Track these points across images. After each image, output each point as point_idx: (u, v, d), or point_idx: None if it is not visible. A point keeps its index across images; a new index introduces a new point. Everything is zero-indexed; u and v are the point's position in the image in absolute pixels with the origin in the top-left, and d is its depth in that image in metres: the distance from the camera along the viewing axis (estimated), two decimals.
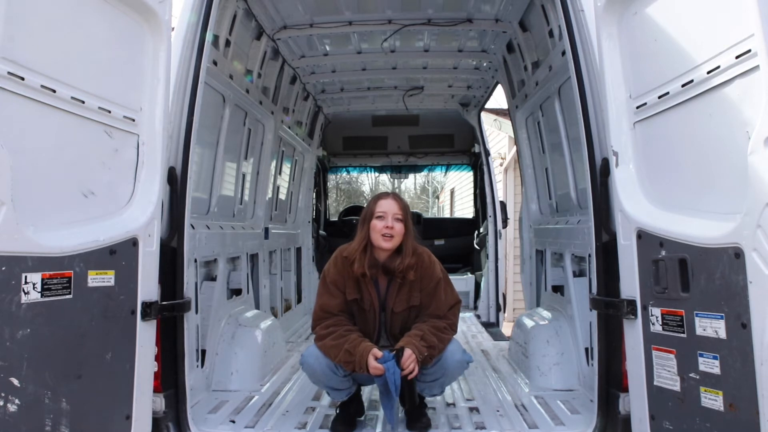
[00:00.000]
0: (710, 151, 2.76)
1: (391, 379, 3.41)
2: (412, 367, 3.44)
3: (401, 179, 14.15)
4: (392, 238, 3.64)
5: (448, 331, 3.65)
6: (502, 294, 8.35)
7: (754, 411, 2.44)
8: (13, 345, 2.44)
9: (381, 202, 3.72)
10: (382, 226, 3.64)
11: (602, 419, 3.51)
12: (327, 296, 3.72)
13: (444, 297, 3.72)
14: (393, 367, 3.41)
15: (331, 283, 3.72)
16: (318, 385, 3.78)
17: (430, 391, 3.78)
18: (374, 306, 3.71)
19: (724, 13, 2.61)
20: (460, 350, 3.69)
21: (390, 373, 3.40)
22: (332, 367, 3.58)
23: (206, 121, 4.45)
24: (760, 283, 2.40)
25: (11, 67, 2.44)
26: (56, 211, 2.74)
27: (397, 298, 3.69)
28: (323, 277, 3.80)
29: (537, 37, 5.16)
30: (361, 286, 3.70)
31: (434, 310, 3.68)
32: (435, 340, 3.54)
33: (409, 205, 4.02)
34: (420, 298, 3.69)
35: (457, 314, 3.77)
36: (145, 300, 3.16)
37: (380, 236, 3.64)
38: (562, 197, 5.34)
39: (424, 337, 3.53)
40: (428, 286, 3.70)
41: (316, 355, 3.61)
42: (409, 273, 3.66)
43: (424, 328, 3.58)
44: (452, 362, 3.64)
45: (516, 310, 10.93)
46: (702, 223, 2.74)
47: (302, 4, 5.29)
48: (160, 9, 3.27)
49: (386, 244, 3.64)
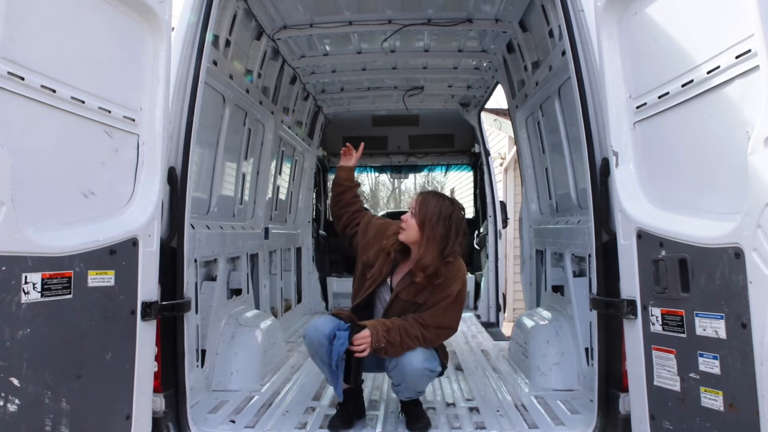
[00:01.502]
0: (710, 151, 2.76)
1: (336, 349, 3.42)
2: (363, 347, 3.43)
3: (401, 179, 14.18)
4: (403, 230, 3.64)
5: (417, 340, 3.55)
6: (502, 294, 8.35)
7: (754, 411, 2.44)
8: (13, 345, 2.44)
9: (413, 199, 3.77)
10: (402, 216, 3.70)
11: (602, 419, 3.50)
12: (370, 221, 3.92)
13: (441, 313, 3.63)
14: (344, 337, 3.43)
15: (374, 227, 3.86)
16: (314, 360, 3.72)
17: (402, 395, 3.75)
18: (375, 278, 3.71)
19: (724, 13, 2.61)
20: (420, 359, 3.54)
21: (338, 343, 3.41)
22: (330, 338, 3.52)
23: (206, 121, 4.45)
24: (760, 283, 2.39)
25: (11, 67, 2.43)
26: (56, 211, 2.73)
27: (408, 288, 3.65)
28: (377, 218, 4.00)
29: (537, 37, 5.16)
30: (381, 257, 3.72)
31: (425, 316, 3.61)
32: (398, 339, 3.49)
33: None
34: (426, 298, 3.65)
35: (441, 336, 3.69)
36: (145, 300, 3.16)
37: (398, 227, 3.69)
38: (562, 197, 5.34)
39: (390, 331, 3.49)
40: (439, 293, 3.64)
41: (316, 326, 3.62)
42: (419, 274, 3.58)
43: (396, 323, 3.54)
44: (410, 369, 3.54)
45: (516, 310, 10.93)
46: (702, 223, 2.74)
47: (302, 4, 5.30)
48: (160, 9, 3.27)
49: (400, 236, 3.66)
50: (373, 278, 3.73)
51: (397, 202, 30.93)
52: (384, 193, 33.14)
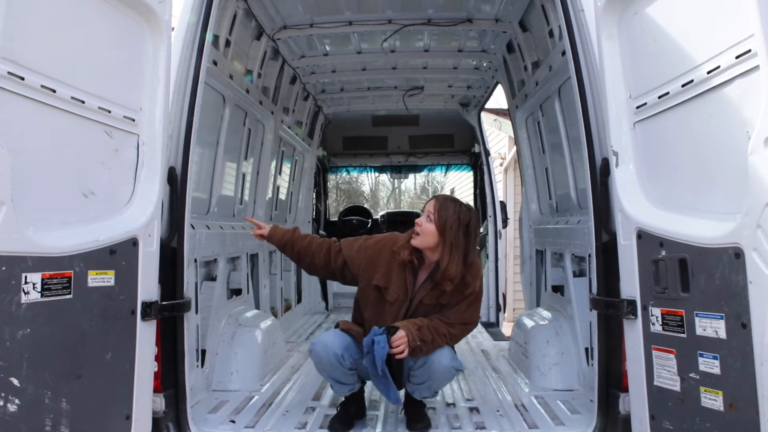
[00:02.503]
0: (710, 151, 2.76)
1: (379, 354, 3.37)
2: (402, 348, 3.42)
3: (401, 179, 14.18)
4: (417, 235, 3.59)
5: (445, 338, 3.61)
6: (502, 294, 8.35)
7: (754, 411, 2.44)
8: (13, 345, 2.44)
9: (428, 203, 3.69)
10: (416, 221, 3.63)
11: (602, 419, 3.51)
12: (353, 244, 3.76)
13: (464, 310, 3.68)
14: (383, 341, 3.38)
15: (366, 248, 3.72)
16: (322, 374, 3.75)
17: (420, 394, 3.75)
18: (400, 297, 3.64)
19: (723, 13, 2.61)
20: (448, 357, 3.62)
21: (379, 347, 3.37)
22: (339, 358, 3.56)
23: (206, 121, 4.44)
24: (760, 283, 2.39)
25: (11, 67, 2.44)
26: (56, 211, 2.73)
27: (431, 292, 3.64)
28: (364, 239, 3.81)
29: (537, 37, 5.16)
30: (394, 274, 3.63)
31: (449, 315, 3.65)
32: (429, 338, 3.52)
33: (409, 204, 3.98)
34: (449, 299, 3.65)
35: (465, 332, 3.77)
36: (145, 300, 3.16)
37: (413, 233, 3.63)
38: (562, 197, 5.34)
39: (422, 329, 3.51)
40: (460, 293, 3.64)
41: (325, 343, 3.61)
42: (447, 284, 3.56)
43: (425, 322, 3.56)
44: (438, 367, 3.58)
45: (516, 310, 10.93)
46: (702, 223, 2.74)
47: (302, 4, 5.30)
48: (160, 9, 3.27)
49: (413, 241, 3.60)
50: (399, 299, 3.65)
51: (397, 202, 30.91)
52: (384, 193, 33.12)
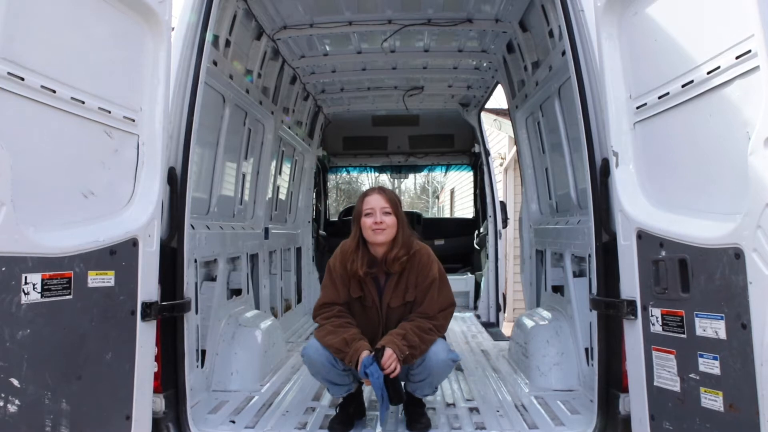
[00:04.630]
0: (710, 152, 2.76)
1: (377, 385, 3.42)
2: (393, 366, 3.44)
3: (401, 179, 14.16)
4: (384, 230, 3.64)
5: (433, 332, 3.62)
6: (502, 294, 8.35)
7: (754, 411, 2.44)
8: (13, 345, 2.44)
9: (367, 199, 3.72)
10: (371, 222, 3.65)
11: (602, 419, 3.51)
12: (332, 288, 3.76)
13: (436, 297, 3.70)
14: (376, 371, 3.42)
15: (338, 277, 3.75)
16: (317, 377, 3.78)
17: (421, 392, 3.77)
18: (375, 303, 3.72)
19: (723, 14, 2.61)
20: (444, 350, 3.65)
21: (374, 378, 3.41)
22: (332, 360, 3.58)
23: (206, 121, 4.44)
24: (760, 284, 2.39)
25: (11, 67, 2.44)
26: (56, 212, 2.74)
27: (394, 294, 3.70)
28: (329, 270, 3.83)
29: (537, 37, 5.16)
30: (362, 284, 3.72)
31: (424, 308, 3.67)
32: (417, 340, 3.53)
33: (409, 204, 4.01)
34: (414, 294, 3.69)
35: (447, 317, 3.76)
36: (145, 300, 3.16)
37: (371, 232, 3.65)
38: (562, 197, 5.34)
39: (406, 336, 3.52)
40: (423, 283, 3.69)
41: (317, 347, 3.62)
42: (395, 264, 3.65)
43: (407, 327, 3.57)
44: (436, 362, 3.61)
45: (516, 310, 10.93)
46: (702, 224, 2.74)
47: (302, 4, 5.29)
48: (160, 9, 3.27)
49: (380, 237, 3.65)
50: (375, 303, 3.73)
51: None
52: None
